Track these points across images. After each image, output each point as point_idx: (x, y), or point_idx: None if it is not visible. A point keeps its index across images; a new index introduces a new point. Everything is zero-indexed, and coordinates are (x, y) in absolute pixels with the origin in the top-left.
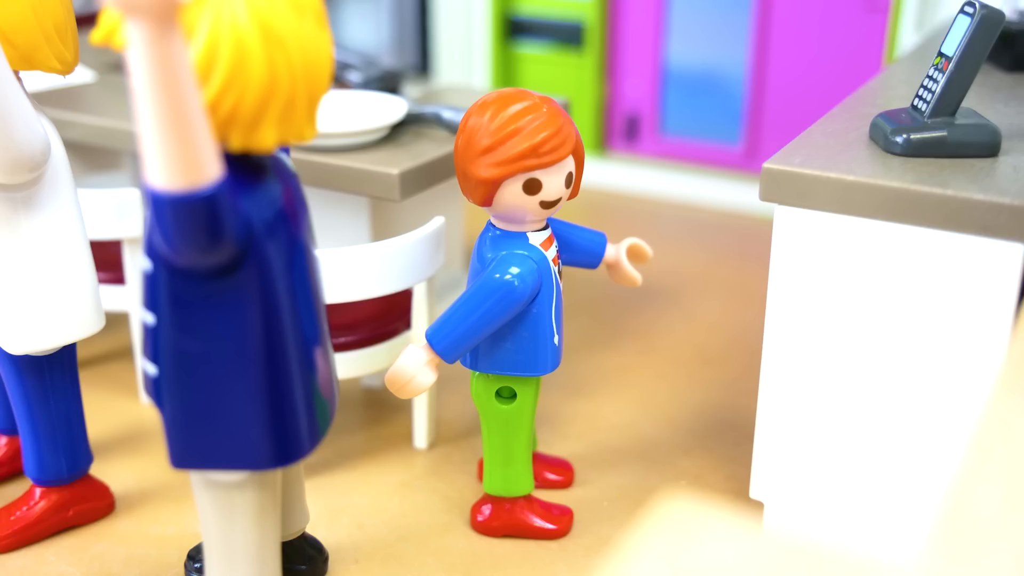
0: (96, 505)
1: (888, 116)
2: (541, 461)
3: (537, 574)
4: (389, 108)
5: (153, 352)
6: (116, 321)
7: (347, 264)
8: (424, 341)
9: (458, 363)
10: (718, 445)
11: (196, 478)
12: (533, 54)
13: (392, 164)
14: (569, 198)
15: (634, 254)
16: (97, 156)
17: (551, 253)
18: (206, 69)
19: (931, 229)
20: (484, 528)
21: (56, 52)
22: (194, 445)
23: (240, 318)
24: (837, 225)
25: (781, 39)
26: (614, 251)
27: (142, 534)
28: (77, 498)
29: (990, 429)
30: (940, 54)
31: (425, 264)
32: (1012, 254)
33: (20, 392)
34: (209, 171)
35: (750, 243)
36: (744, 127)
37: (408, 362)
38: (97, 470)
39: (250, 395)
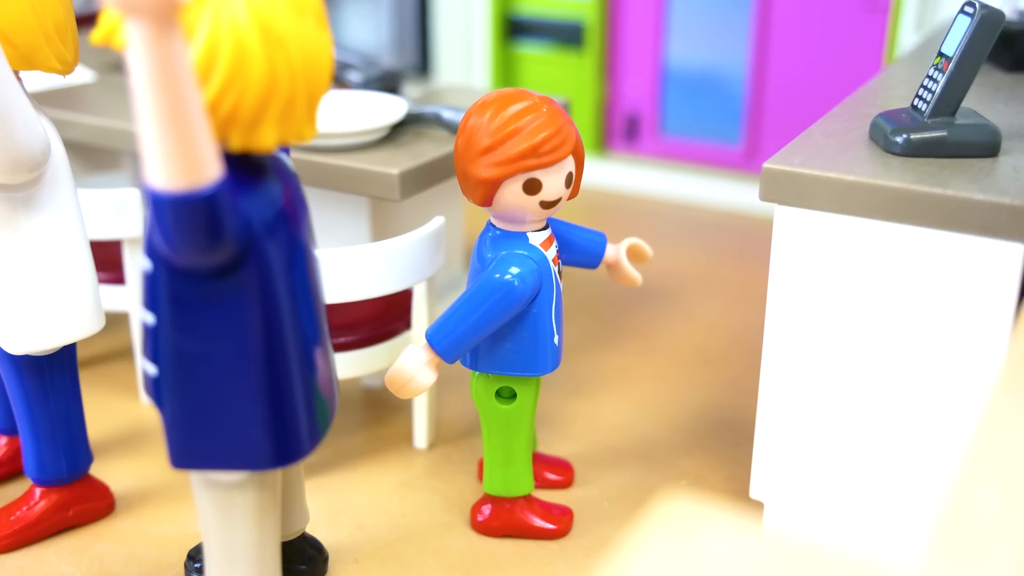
0: (96, 505)
1: (888, 116)
2: (541, 461)
3: (537, 574)
4: (389, 108)
5: (153, 352)
6: (116, 321)
7: (347, 264)
8: (424, 341)
9: (458, 363)
10: (718, 445)
11: (196, 478)
12: (533, 54)
13: (392, 164)
14: (569, 198)
15: (634, 254)
16: (97, 156)
17: (551, 253)
18: (206, 69)
19: (931, 229)
20: (484, 528)
21: (56, 52)
22: (194, 445)
23: (240, 318)
24: (837, 225)
25: (781, 39)
26: (614, 251)
27: (142, 534)
28: (77, 498)
29: (990, 429)
30: (940, 54)
31: (425, 264)
32: (1012, 254)
33: (20, 392)
34: (209, 171)
35: (750, 243)
36: (744, 127)
37: (408, 362)
38: (97, 470)
39: (250, 395)
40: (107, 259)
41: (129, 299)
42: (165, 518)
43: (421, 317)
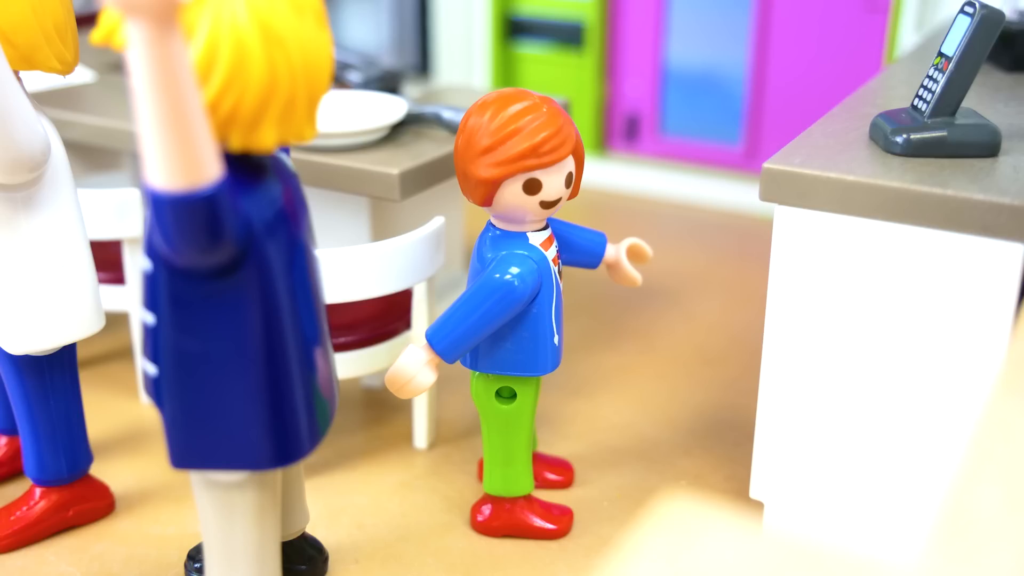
0: (96, 505)
1: (888, 116)
2: (541, 461)
3: (537, 574)
4: (389, 108)
5: (153, 352)
6: (116, 321)
7: (347, 264)
8: (424, 341)
9: (458, 363)
10: (718, 445)
11: (196, 478)
12: (533, 54)
13: (392, 164)
14: (569, 198)
15: (634, 254)
16: (97, 156)
17: (551, 253)
18: (206, 69)
19: (931, 229)
20: (484, 528)
21: (56, 52)
22: (194, 445)
23: (240, 318)
24: (837, 225)
25: (781, 39)
26: (614, 251)
27: (142, 534)
28: (77, 498)
29: (990, 429)
30: (940, 54)
31: (425, 264)
32: (1012, 254)
33: (20, 392)
34: (209, 171)
35: (750, 243)
36: (744, 127)
37: (408, 362)
38: (97, 470)
39: (250, 395)
40: (107, 259)
41: (129, 299)
42: (165, 518)
43: (421, 317)
